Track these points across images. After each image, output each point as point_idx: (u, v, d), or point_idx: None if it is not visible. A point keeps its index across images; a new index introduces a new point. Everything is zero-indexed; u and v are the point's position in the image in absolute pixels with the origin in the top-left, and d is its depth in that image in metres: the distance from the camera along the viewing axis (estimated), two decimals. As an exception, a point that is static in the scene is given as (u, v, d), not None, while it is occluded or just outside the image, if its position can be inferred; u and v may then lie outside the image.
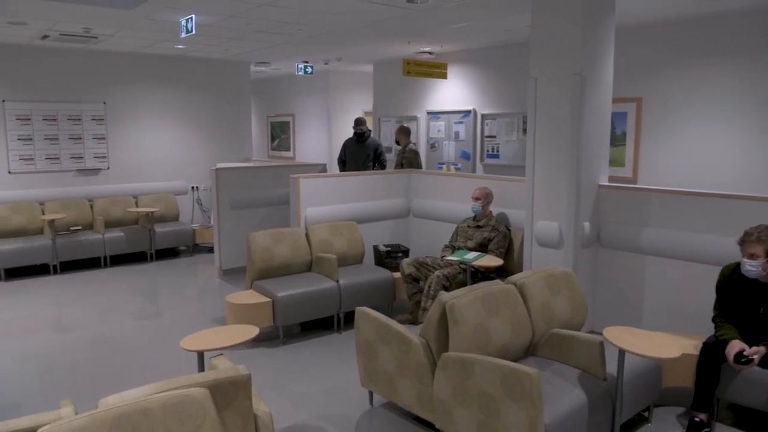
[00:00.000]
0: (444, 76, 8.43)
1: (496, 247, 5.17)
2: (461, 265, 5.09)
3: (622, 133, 6.63)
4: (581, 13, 4.35)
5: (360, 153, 7.69)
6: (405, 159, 7.43)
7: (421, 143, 9.20)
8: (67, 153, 8.17)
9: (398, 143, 7.73)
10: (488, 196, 5.36)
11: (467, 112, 8.49)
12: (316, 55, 9.10)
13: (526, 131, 4.83)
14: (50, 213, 7.50)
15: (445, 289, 4.94)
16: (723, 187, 5.70)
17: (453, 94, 8.73)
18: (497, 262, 4.88)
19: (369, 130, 7.95)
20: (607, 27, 4.58)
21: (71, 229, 7.62)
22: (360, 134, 7.71)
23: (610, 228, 4.74)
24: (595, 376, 3.28)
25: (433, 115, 9.04)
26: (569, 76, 4.45)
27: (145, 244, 7.96)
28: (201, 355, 3.22)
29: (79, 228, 7.70)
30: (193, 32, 5.99)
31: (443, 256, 5.34)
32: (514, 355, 3.42)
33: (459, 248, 5.33)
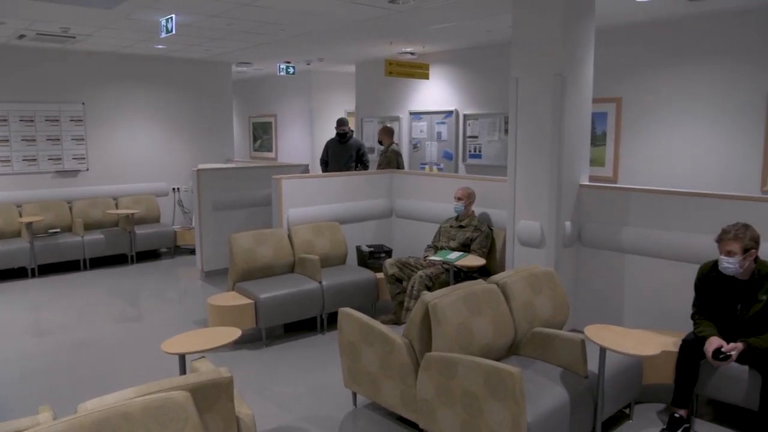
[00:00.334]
0: (426, 77, 8.45)
1: (478, 247, 5.19)
2: (444, 265, 5.11)
3: (603, 133, 6.70)
4: (561, 14, 4.38)
5: (342, 153, 7.68)
6: (386, 158, 7.42)
7: (404, 144, 9.21)
8: (45, 154, 8.05)
9: (381, 143, 7.71)
10: (470, 196, 5.38)
11: (449, 113, 8.52)
12: (298, 56, 9.07)
13: (507, 131, 4.86)
14: (28, 215, 7.38)
15: (428, 289, 4.95)
16: (702, 186, 5.79)
17: (435, 94, 8.76)
18: (480, 261, 4.90)
19: (351, 131, 7.94)
20: (586, 28, 4.62)
21: (49, 231, 7.51)
22: (342, 135, 7.70)
23: (591, 227, 4.78)
24: (577, 374, 3.31)
25: (416, 115, 9.06)
26: (550, 76, 4.49)
27: (126, 247, 7.87)
28: (182, 357, 3.19)
29: (57, 230, 7.59)
30: (173, 32, 5.94)
31: (426, 256, 5.35)
32: (497, 355, 3.44)
33: (442, 248, 5.35)
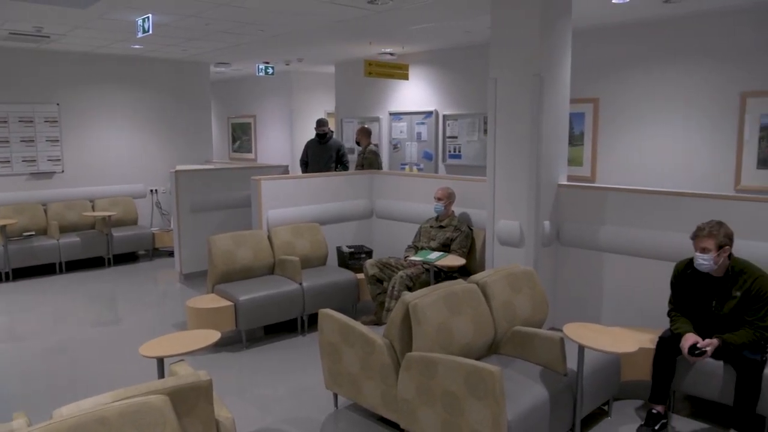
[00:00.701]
0: (405, 77, 8.46)
1: (458, 247, 5.21)
2: (424, 265, 5.12)
3: (581, 133, 6.77)
4: (539, 15, 4.42)
5: (322, 154, 7.66)
6: (365, 160, 7.40)
7: (384, 144, 9.22)
8: (19, 156, 7.91)
9: (359, 144, 7.67)
10: (450, 197, 5.40)
11: (429, 113, 8.55)
12: (277, 56, 9.03)
13: (487, 131, 4.89)
14: (1, 218, 7.23)
15: (409, 289, 4.95)
16: (677, 185, 5.88)
17: (415, 95, 8.78)
18: (460, 261, 4.92)
19: (331, 131, 7.92)
20: (564, 29, 4.66)
21: (24, 234, 7.38)
22: (322, 135, 7.68)
23: (570, 226, 4.82)
24: (556, 372, 3.34)
25: (395, 116, 9.07)
26: (528, 77, 4.52)
27: (103, 249, 7.76)
28: (161, 361, 3.15)
29: (32, 233, 7.46)
30: (150, 32, 5.86)
31: (406, 257, 5.36)
32: (477, 354, 3.45)
33: (422, 248, 5.36)
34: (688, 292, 3.54)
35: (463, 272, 5.22)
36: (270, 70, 9.74)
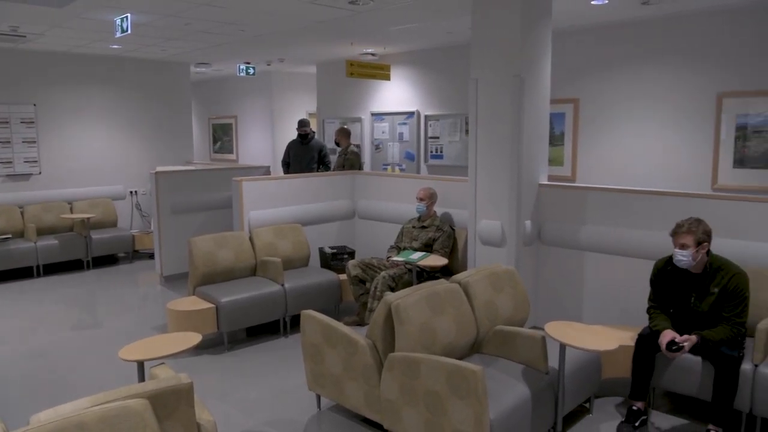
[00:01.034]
0: (387, 78, 8.46)
1: (440, 247, 5.22)
2: (407, 266, 5.12)
3: (561, 133, 6.82)
4: (519, 16, 4.45)
5: (304, 155, 7.63)
6: (347, 161, 7.34)
7: (366, 144, 9.21)
8: (-5, 158, 7.79)
9: (338, 145, 7.57)
10: (432, 197, 5.41)
11: (411, 114, 8.56)
12: (258, 56, 8.98)
13: (468, 132, 4.91)
14: (-23, 221, 7.12)
15: (391, 289, 4.95)
16: (656, 184, 5.96)
17: (396, 95, 8.78)
18: (442, 261, 4.93)
19: (313, 132, 7.89)
20: (544, 30, 4.70)
21: (0, 237, 7.25)
22: (304, 136, 7.65)
23: (551, 226, 4.86)
24: (538, 371, 3.36)
25: (377, 116, 9.07)
26: (509, 77, 4.54)
27: (81, 252, 7.65)
28: (141, 365, 3.12)
29: (8, 236, 7.33)
30: (129, 32, 5.80)
31: (389, 257, 5.36)
32: (460, 353, 3.47)
33: (404, 249, 5.36)
34: (667, 289, 3.59)
35: (446, 272, 5.24)
36: (251, 71, 9.69)
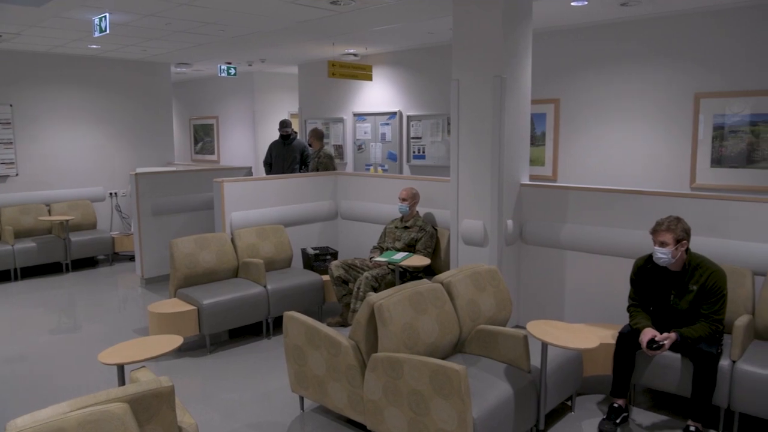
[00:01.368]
0: (369, 78, 8.46)
1: (423, 247, 5.23)
2: (390, 266, 5.13)
3: (542, 133, 6.87)
4: (500, 17, 4.47)
5: (286, 155, 7.60)
6: (320, 164, 7.23)
7: (348, 145, 9.21)
8: (-30, 159, 7.65)
9: (311, 147, 7.49)
10: (415, 197, 5.42)
11: (393, 114, 8.57)
12: (239, 57, 8.93)
13: (450, 132, 4.93)
14: (-48, 224, 6.99)
15: (374, 290, 4.96)
16: (636, 183, 6.04)
17: (379, 95, 8.79)
18: (425, 261, 4.94)
19: (295, 132, 7.86)
20: (524, 31, 4.73)
21: (-24, 240, 7.14)
22: (286, 136, 7.62)
23: (532, 225, 4.89)
24: (521, 369, 3.38)
25: (360, 116, 9.07)
26: (490, 78, 4.57)
27: (60, 255, 7.55)
28: (121, 368, 3.09)
29: (-15, 239, 7.22)
30: (107, 31, 5.74)
31: (372, 258, 5.36)
32: (443, 353, 3.47)
33: (387, 249, 5.37)
34: (647, 287, 3.63)
35: (429, 272, 5.25)
36: (232, 71, 9.63)
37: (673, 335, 3.37)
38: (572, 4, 5.43)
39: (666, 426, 3.58)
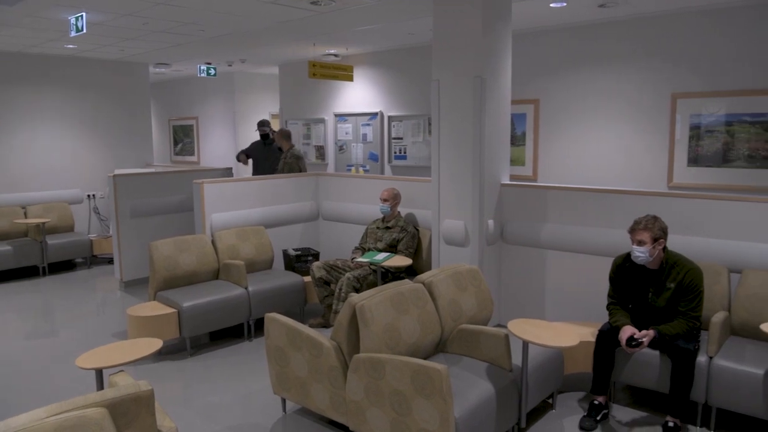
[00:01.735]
0: (350, 79, 8.45)
1: (405, 248, 5.24)
2: (371, 267, 5.12)
3: (522, 133, 6.92)
4: (480, 18, 4.49)
5: (268, 156, 7.56)
6: (286, 165, 7.05)
7: (329, 145, 9.18)
8: (-57, 161, 7.49)
9: (280, 150, 7.25)
10: (396, 197, 5.43)
11: (374, 114, 8.57)
12: (219, 57, 8.87)
13: (431, 132, 4.93)
14: (-76, 227, 6.84)
15: (356, 290, 4.95)
16: (614, 182, 6.10)
17: (360, 96, 8.78)
18: (406, 262, 4.95)
19: (274, 132, 7.80)
20: (504, 32, 4.76)
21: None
22: (265, 136, 7.58)
23: (513, 225, 4.92)
24: (502, 368, 3.40)
25: (341, 117, 9.05)
26: (470, 78, 4.59)
27: (37, 258, 7.42)
28: (99, 372, 3.04)
29: (-41, 243, 7.08)
30: (84, 31, 5.66)
31: (353, 258, 5.35)
32: (425, 353, 3.48)
33: (369, 249, 5.36)
34: (626, 285, 3.67)
35: (410, 272, 5.26)
36: (212, 71, 9.56)
37: (651, 332, 3.41)
38: (551, 5, 5.47)
39: (645, 422, 3.62)
